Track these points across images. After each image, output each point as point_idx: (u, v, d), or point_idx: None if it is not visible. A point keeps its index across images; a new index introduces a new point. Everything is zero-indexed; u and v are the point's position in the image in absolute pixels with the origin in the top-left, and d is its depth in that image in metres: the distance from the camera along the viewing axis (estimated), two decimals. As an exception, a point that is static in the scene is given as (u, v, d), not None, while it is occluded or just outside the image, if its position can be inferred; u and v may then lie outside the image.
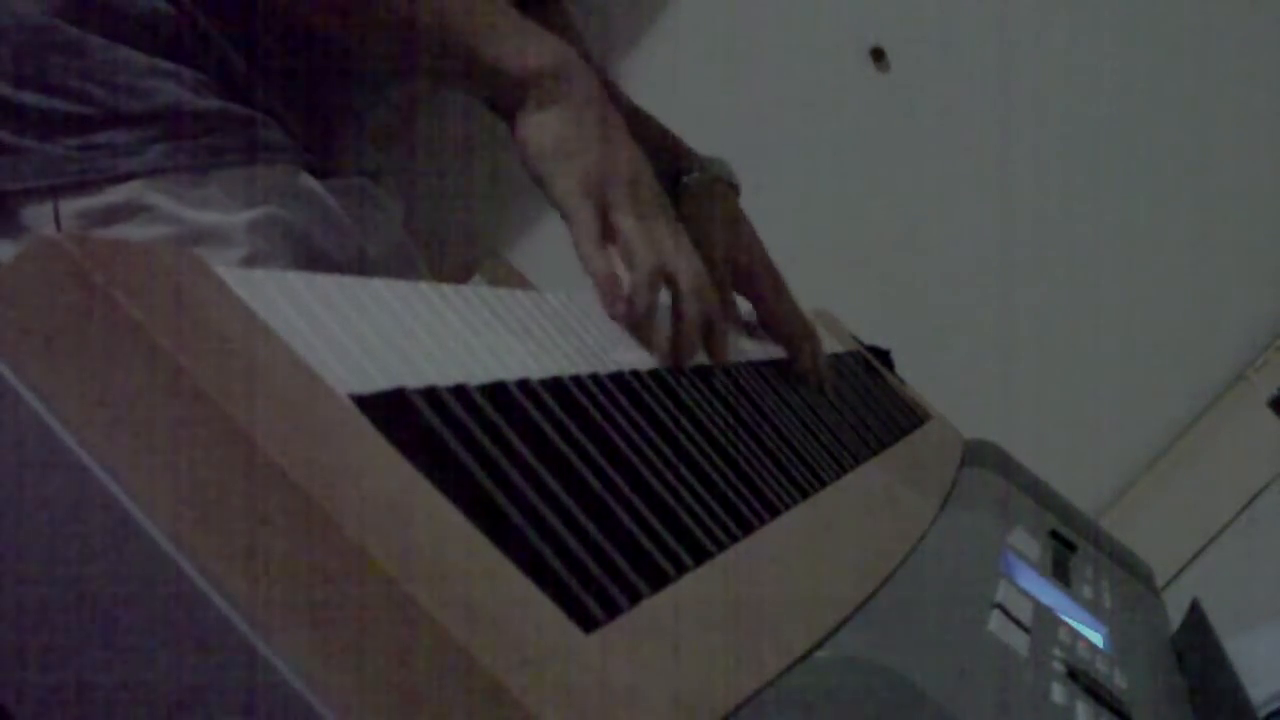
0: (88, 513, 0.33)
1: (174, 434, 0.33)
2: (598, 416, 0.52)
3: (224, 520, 0.32)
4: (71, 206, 0.73)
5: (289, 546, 0.32)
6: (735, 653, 0.43)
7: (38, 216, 0.73)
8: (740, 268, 0.92)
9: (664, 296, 0.69)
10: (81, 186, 0.73)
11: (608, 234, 0.68)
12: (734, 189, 0.98)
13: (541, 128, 0.70)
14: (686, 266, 0.69)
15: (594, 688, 0.34)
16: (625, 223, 0.68)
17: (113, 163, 0.73)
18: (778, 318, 0.91)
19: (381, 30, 0.75)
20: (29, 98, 0.73)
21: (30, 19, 0.73)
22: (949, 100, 2.23)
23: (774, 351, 0.88)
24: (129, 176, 0.73)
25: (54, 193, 0.73)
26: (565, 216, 0.68)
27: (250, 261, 0.75)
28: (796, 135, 2.27)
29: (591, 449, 0.49)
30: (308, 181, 0.83)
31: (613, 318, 0.65)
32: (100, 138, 0.73)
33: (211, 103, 0.77)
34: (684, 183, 0.96)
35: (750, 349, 0.85)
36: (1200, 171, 2.14)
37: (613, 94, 0.97)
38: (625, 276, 0.67)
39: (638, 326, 0.66)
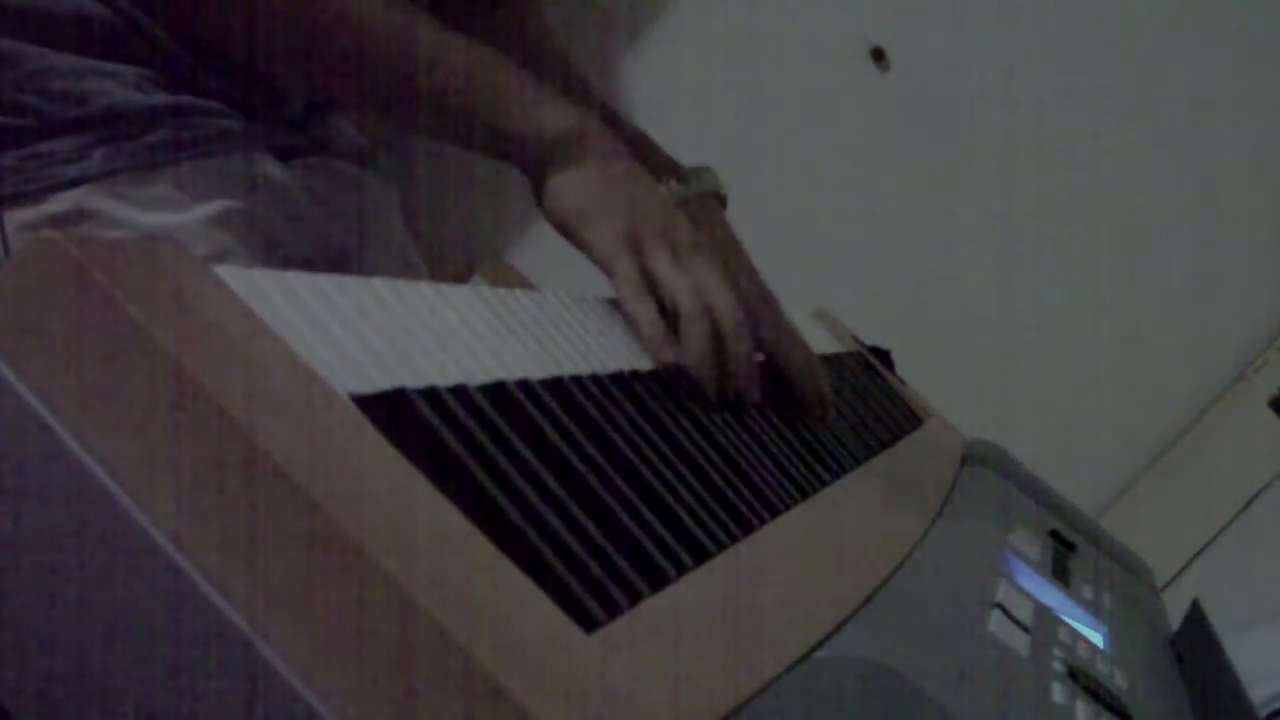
0: (88, 513, 0.33)
1: (174, 433, 0.33)
2: (598, 416, 0.52)
3: (224, 520, 0.32)
4: (16, 218, 0.71)
5: (289, 546, 0.32)
6: (735, 653, 0.43)
7: None
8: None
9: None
10: (25, 197, 0.71)
11: (649, 282, 0.68)
12: (715, 196, 0.93)
13: (570, 189, 0.70)
14: (725, 304, 0.69)
15: (594, 688, 0.34)
16: (664, 269, 0.68)
17: (55, 171, 0.72)
18: (781, 351, 0.81)
19: (382, 98, 0.74)
20: None
21: None
22: (949, 100, 2.23)
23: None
24: (73, 184, 0.71)
25: None
26: (606, 271, 0.69)
27: (211, 260, 0.74)
28: (796, 135, 2.27)
29: (591, 449, 0.49)
30: (269, 168, 0.80)
31: (661, 365, 0.65)
32: (41, 147, 0.71)
33: (156, 99, 0.75)
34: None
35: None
36: (1200, 171, 2.14)
37: (594, 101, 0.95)
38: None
39: (700, 369, 0.66)
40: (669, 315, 0.67)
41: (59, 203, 0.72)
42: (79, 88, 0.73)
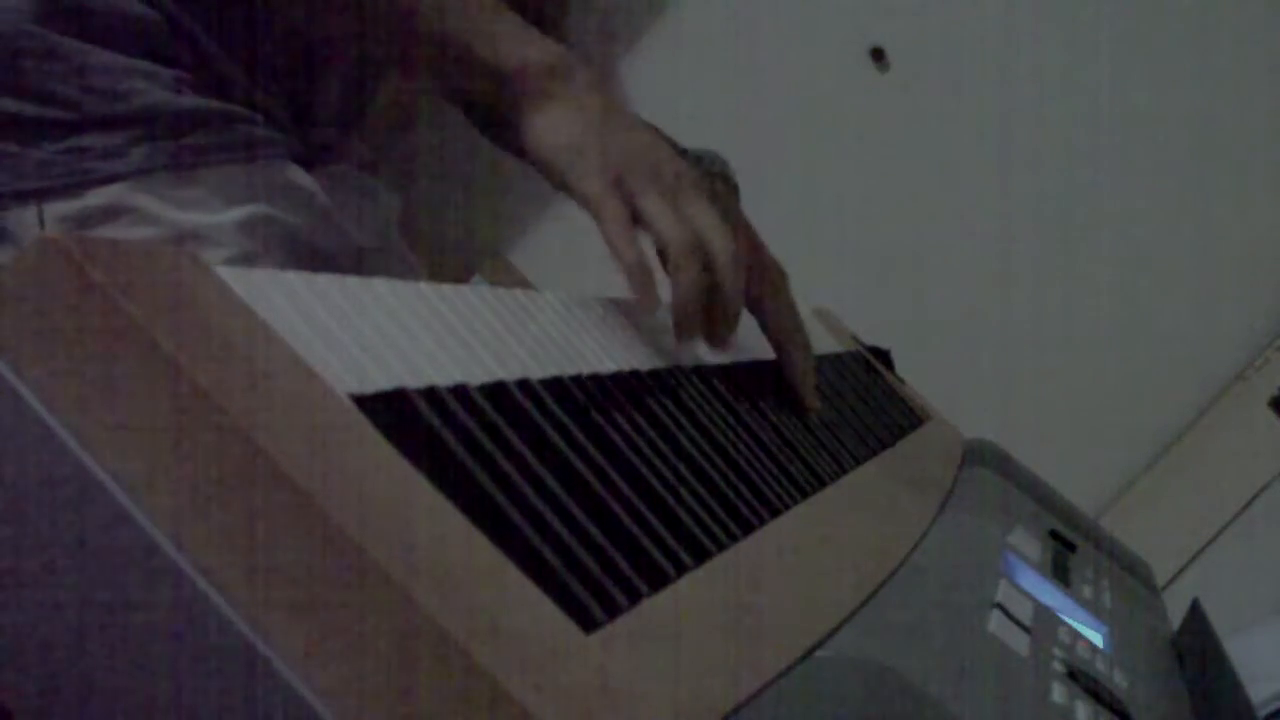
0: (88, 513, 0.33)
1: (174, 434, 0.33)
2: (598, 416, 0.52)
3: (224, 520, 0.32)
4: (55, 210, 0.73)
5: (289, 546, 0.32)
6: (735, 653, 0.43)
7: (21, 221, 0.73)
8: None
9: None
10: (65, 190, 0.73)
11: (637, 220, 0.66)
12: (725, 180, 0.94)
13: (549, 127, 0.68)
14: (721, 239, 0.66)
15: (594, 688, 0.34)
16: (652, 206, 0.66)
17: (95, 166, 0.73)
18: (771, 317, 0.82)
19: (377, 23, 0.74)
20: (7, 104, 0.73)
21: (4, 25, 0.73)
22: (949, 100, 2.23)
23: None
24: (112, 179, 0.73)
25: (38, 197, 0.73)
26: (591, 211, 0.66)
27: (237, 262, 0.75)
28: (796, 135, 2.27)
29: (591, 449, 0.49)
30: (297, 175, 0.82)
31: (645, 310, 0.64)
32: (82, 141, 0.73)
33: (194, 101, 0.77)
34: None
35: (751, 348, 0.85)
36: (1200, 171, 2.14)
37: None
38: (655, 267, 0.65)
39: (684, 310, 0.64)
40: (660, 255, 0.66)
41: (98, 197, 0.73)
42: (120, 85, 0.74)
